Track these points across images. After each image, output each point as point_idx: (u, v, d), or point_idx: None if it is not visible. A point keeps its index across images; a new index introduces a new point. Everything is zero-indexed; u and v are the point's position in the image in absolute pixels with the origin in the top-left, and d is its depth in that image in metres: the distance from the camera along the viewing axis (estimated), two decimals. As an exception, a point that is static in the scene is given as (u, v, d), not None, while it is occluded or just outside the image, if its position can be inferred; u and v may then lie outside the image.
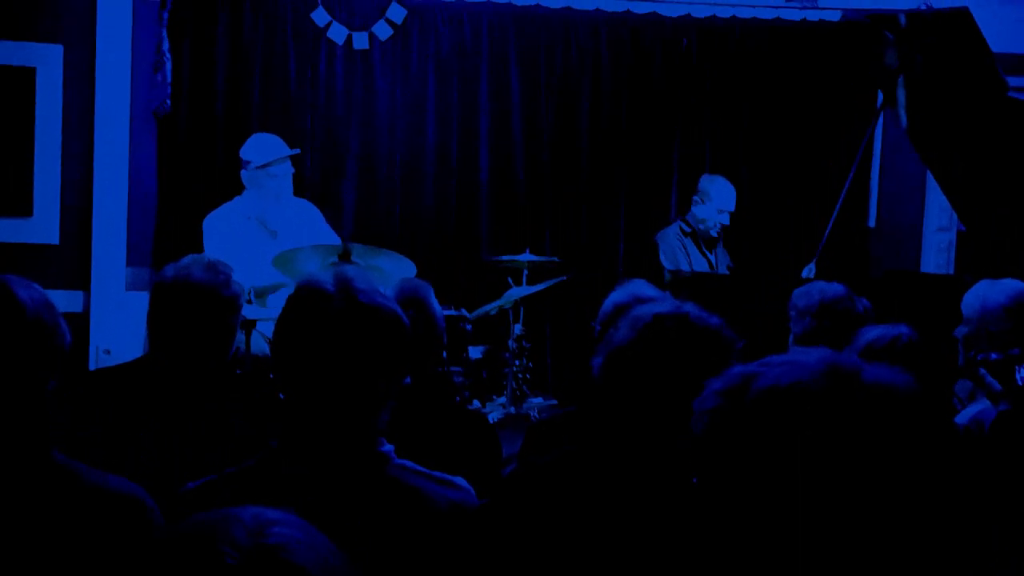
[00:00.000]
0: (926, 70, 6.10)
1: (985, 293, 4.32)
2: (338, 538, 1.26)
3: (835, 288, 4.57)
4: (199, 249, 6.01)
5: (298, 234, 6.10)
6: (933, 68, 6.10)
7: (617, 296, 3.87)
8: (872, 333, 3.84)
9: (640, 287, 3.94)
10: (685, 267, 7.00)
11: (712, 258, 7.27)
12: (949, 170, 6.39)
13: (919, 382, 1.42)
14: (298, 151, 6.37)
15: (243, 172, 6.22)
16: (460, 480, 2.42)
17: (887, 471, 1.35)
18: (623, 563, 2.18)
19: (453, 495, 2.36)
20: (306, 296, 2.31)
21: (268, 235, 6.13)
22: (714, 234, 7.23)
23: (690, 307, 2.42)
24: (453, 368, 6.07)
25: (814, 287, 4.64)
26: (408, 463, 2.36)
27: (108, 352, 6.50)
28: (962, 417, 4.16)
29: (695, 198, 7.24)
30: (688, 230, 7.24)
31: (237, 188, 6.33)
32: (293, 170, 6.32)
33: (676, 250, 7.13)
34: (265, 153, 6.19)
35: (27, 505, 2.17)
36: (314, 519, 1.25)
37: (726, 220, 7.19)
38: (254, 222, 6.16)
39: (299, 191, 6.45)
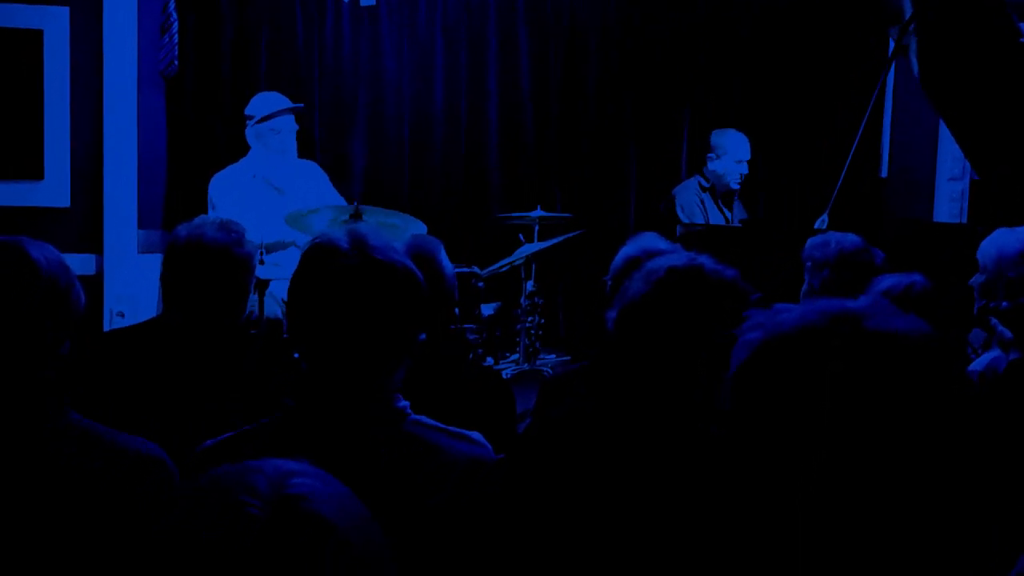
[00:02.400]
0: (939, 17, 6.05)
1: (1002, 240, 4.30)
2: (356, 493, 1.26)
3: (852, 239, 4.55)
4: (208, 211, 6.03)
5: (304, 193, 6.12)
6: (946, 15, 6.05)
7: (629, 250, 3.86)
8: (886, 281, 3.84)
9: (652, 240, 3.92)
10: (701, 221, 6.98)
11: (728, 214, 7.25)
12: (962, 118, 6.35)
13: (933, 329, 1.42)
14: (301, 105, 6.37)
15: (247, 129, 6.25)
16: (476, 435, 2.43)
17: (900, 417, 1.35)
18: (640, 516, 2.19)
19: (470, 450, 2.36)
20: (320, 253, 2.31)
21: (274, 192, 6.14)
22: (735, 186, 7.20)
23: (705, 259, 2.42)
24: (466, 325, 6.09)
25: (830, 238, 4.62)
26: (424, 419, 2.37)
27: (122, 314, 6.52)
28: (977, 365, 4.15)
29: (709, 155, 7.20)
30: (707, 185, 7.22)
31: (246, 148, 6.34)
32: (297, 127, 6.32)
33: (694, 204, 7.11)
34: (266, 107, 6.21)
35: (47, 465, 2.19)
36: (331, 475, 1.26)
37: (744, 170, 7.16)
38: (260, 180, 6.18)
39: (308, 151, 6.46)
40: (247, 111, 6.30)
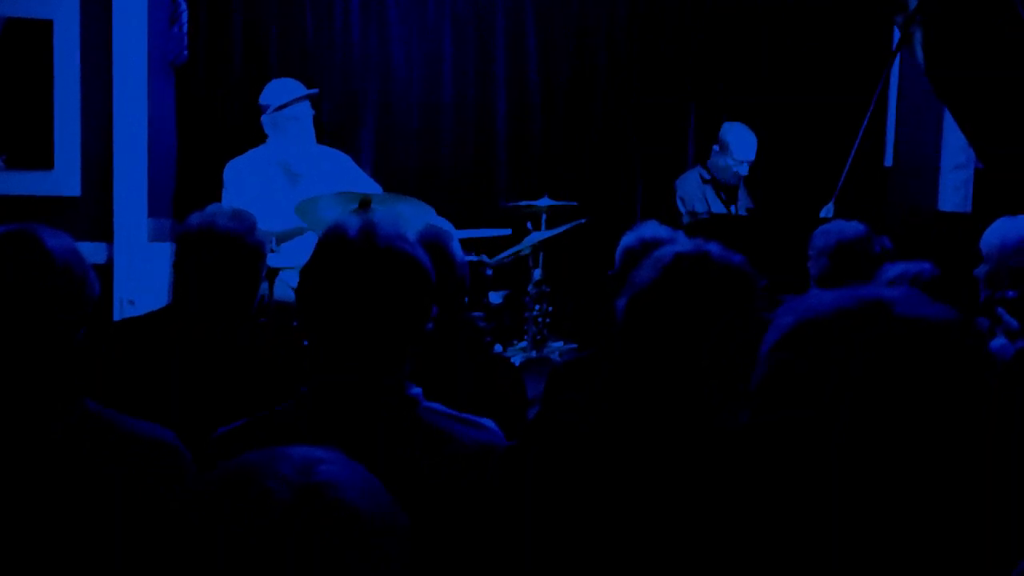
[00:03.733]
0: (944, 6, 6.06)
1: (1004, 229, 4.31)
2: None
3: (853, 227, 4.56)
4: (219, 199, 6.03)
5: (323, 181, 6.08)
6: (951, 4, 6.06)
7: (631, 239, 3.88)
8: (894, 269, 3.85)
9: (654, 229, 3.94)
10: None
11: (732, 207, 7.25)
12: (966, 107, 6.36)
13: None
14: (316, 91, 6.36)
15: (263, 118, 6.22)
16: (488, 422, 2.44)
17: (931, 402, 1.36)
18: (651, 503, 2.20)
19: (482, 436, 2.38)
20: (330, 241, 2.33)
21: (290, 180, 6.13)
22: (734, 182, 7.21)
23: (712, 246, 2.42)
24: (474, 313, 6.10)
25: (833, 227, 4.63)
26: (437, 406, 2.39)
27: (132, 303, 6.54)
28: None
29: (715, 147, 7.21)
30: (708, 177, 7.22)
31: (256, 138, 6.33)
32: (314, 112, 6.31)
33: (695, 197, 7.12)
34: (282, 95, 6.19)
35: (63, 452, 2.20)
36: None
37: (744, 171, 7.16)
38: (277, 167, 6.15)
39: (318, 140, 6.45)
40: (262, 100, 6.27)
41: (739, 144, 7.12)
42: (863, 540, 1.37)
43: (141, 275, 6.64)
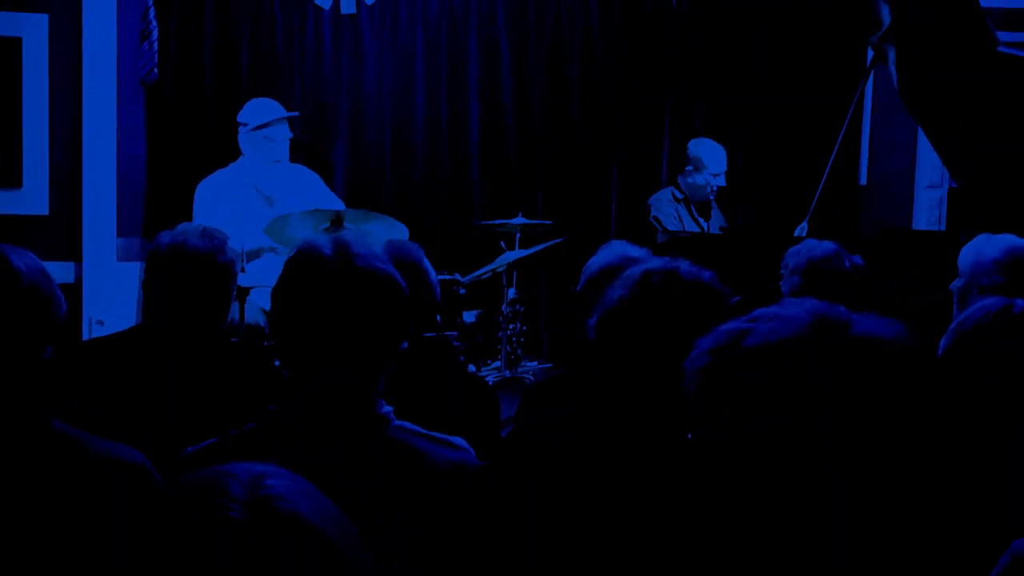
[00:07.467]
0: (917, 26, 6.08)
1: (980, 247, 4.33)
2: (341, 498, 1.28)
3: (824, 246, 4.57)
4: (190, 218, 6.00)
5: (295, 200, 6.09)
6: (924, 24, 6.08)
7: (598, 259, 3.88)
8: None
9: (622, 247, 3.94)
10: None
11: (704, 223, 7.26)
12: (940, 126, 6.38)
13: None
14: (296, 114, 6.36)
15: (240, 135, 6.22)
16: (460, 440, 2.43)
17: (882, 423, 1.35)
18: (623, 521, 2.19)
19: (453, 455, 2.37)
20: (303, 260, 2.31)
21: (264, 201, 6.12)
22: (710, 198, 7.22)
23: (681, 262, 2.43)
24: (448, 332, 6.08)
25: (804, 246, 4.64)
26: (408, 424, 2.37)
27: (101, 323, 6.51)
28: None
29: (687, 167, 7.20)
30: (680, 196, 7.23)
31: (227, 156, 6.32)
32: (291, 135, 6.31)
33: (670, 215, 7.12)
34: (261, 115, 6.19)
35: (28, 472, 2.18)
36: (315, 481, 1.28)
37: (722, 182, 7.18)
38: (250, 187, 6.15)
39: (290, 156, 6.44)
40: (240, 117, 6.28)
41: (712, 158, 7.15)
42: (847, 547, 1.36)
43: (110, 295, 6.61)
